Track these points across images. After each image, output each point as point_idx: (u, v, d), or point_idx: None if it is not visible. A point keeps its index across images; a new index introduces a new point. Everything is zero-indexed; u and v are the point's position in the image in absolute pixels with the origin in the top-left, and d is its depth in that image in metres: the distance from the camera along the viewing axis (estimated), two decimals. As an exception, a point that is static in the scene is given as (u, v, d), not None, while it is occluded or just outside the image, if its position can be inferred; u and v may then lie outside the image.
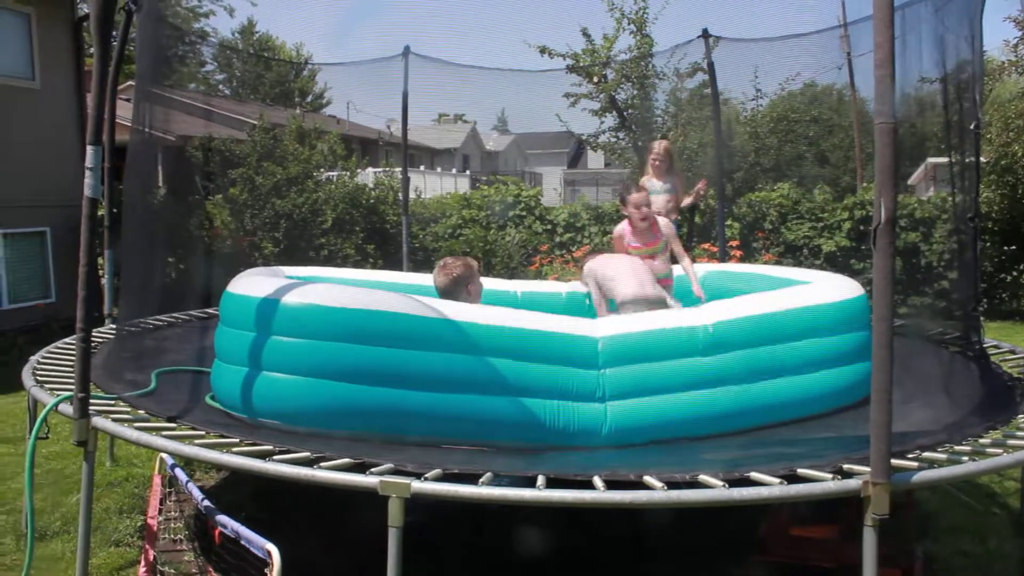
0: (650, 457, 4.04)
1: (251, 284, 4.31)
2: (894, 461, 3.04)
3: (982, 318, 5.49)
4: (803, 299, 4.72)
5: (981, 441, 3.55)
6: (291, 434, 3.82)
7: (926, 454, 3.32)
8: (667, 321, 4.55)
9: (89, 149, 3.78)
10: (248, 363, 4.03)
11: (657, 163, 7.20)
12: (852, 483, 2.97)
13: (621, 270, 5.56)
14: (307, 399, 3.90)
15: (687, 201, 7.44)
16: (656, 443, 4.22)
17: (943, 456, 3.29)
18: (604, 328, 4.38)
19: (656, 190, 7.20)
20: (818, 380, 4.50)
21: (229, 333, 4.25)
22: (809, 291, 4.91)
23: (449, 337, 4.00)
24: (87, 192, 3.73)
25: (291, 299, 3.97)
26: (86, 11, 13.99)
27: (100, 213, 5.46)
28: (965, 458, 3.27)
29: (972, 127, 4.90)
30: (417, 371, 3.93)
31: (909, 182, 19.20)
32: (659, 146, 7.32)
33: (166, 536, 4.44)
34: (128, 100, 11.76)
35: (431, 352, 3.96)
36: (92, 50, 3.97)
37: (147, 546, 4.19)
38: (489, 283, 5.96)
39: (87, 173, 3.75)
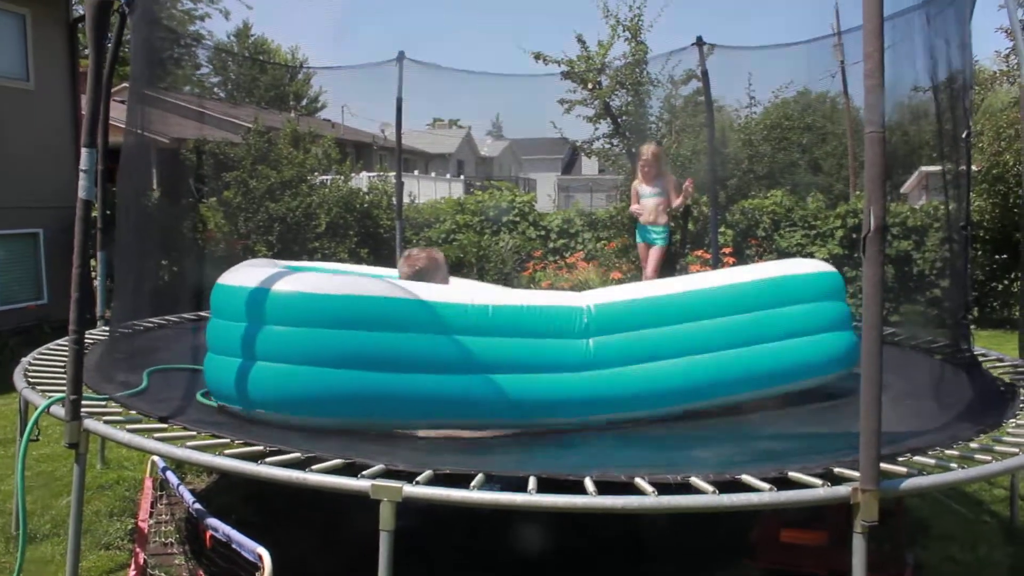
0: (641, 452, 4.12)
1: (241, 274, 4.35)
2: (884, 467, 3.05)
3: (973, 326, 5.52)
4: (778, 270, 4.92)
5: (971, 446, 3.57)
6: (283, 432, 3.83)
7: (916, 458, 3.34)
8: (650, 290, 4.76)
9: (84, 151, 3.77)
10: (239, 353, 4.06)
11: (646, 168, 7.26)
12: (842, 490, 2.99)
13: None
14: (298, 387, 3.94)
15: (677, 202, 7.47)
16: (647, 433, 4.34)
17: (932, 462, 3.31)
18: (590, 298, 4.52)
19: (646, 194, 7.25)
20: (797, 348, 4.61)
21: (220, 324, 4.27)
22: (784, 264, 5.27)
23: (434, 319, 4.09)
24: (81, 194, 3.72)
25: (279, 288, 4.02)
26: (81, 12, 13.97)
27: (93, 215, 5.46)
28: (954, 465, 3.29)
29: (963, 136, 4.94)
30: (406, 355, 4.02)
31: (902, 190, 19.29)
32: (647, 151, 7.38)
33: (156, 539, 4.44)
34: (122, 102, 11.75)
35: (420, 335, 4.05)
36: (87, 52, 3.98)
37: (137, 549, 4.19)
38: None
39: (81, 175, 3.74)
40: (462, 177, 36.97)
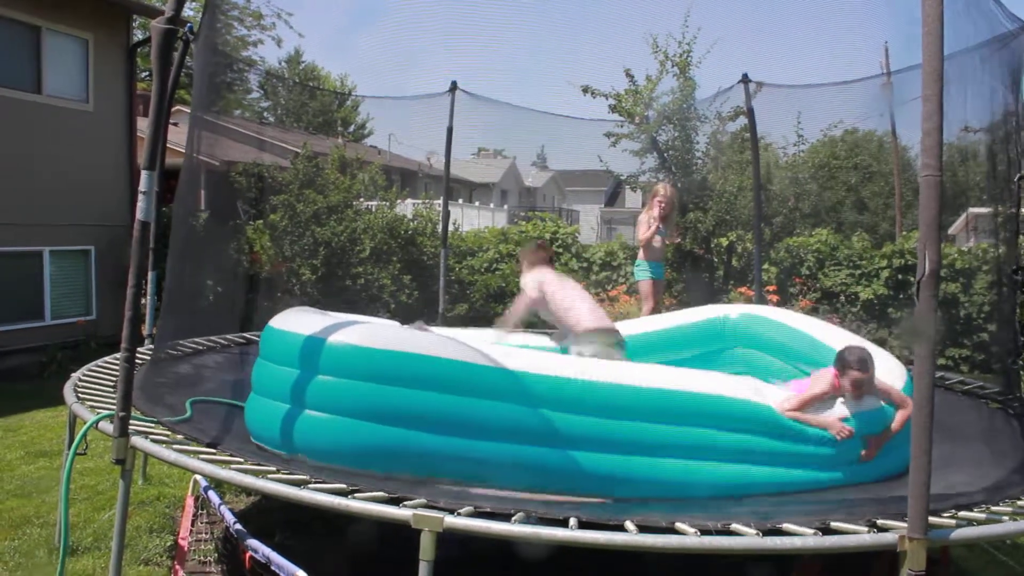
0: (682, 507, 4.03)
1: (293, 320, 4.39)
2: (930, 518, 3.00)
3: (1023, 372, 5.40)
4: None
5: (1020, 502, 3.49)
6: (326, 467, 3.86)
7: (962, 513, 3.27)
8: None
9: (144, 174, 3.85)
10: (282, 398, 4.11)
11: (669, 210, 7.43)
12: (888, 537, 2.94)
13: (578, 299, 5.48)
14: (336, 438, 3.96)
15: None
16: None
17: (981, 515, 3.24)
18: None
19: (661, 232, 7.41)
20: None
21: (268, 368, 4.32)
22: None
23: (496, 385, 4.06)
24: (139, 215, 3.79)
25: (332, 338, 4.03)
26: (140, 38, 14.36)
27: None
28: (1005, 518, 3.21)
29: (1016, 179, 4.89)
30: (448, 417, 3.98)
31: (949, 231, 18.99)
32: (672, 192, 7.62)
33: (195, 557, 4.47)
34: (174, 124, 12.02)
35: (477, 399, 4.02)
36: (144, 75, 4.08)
37: (176, 566, 4.22)
38: None
39: (140, 197, 3.82)
40: (505, 207, 37.11)
